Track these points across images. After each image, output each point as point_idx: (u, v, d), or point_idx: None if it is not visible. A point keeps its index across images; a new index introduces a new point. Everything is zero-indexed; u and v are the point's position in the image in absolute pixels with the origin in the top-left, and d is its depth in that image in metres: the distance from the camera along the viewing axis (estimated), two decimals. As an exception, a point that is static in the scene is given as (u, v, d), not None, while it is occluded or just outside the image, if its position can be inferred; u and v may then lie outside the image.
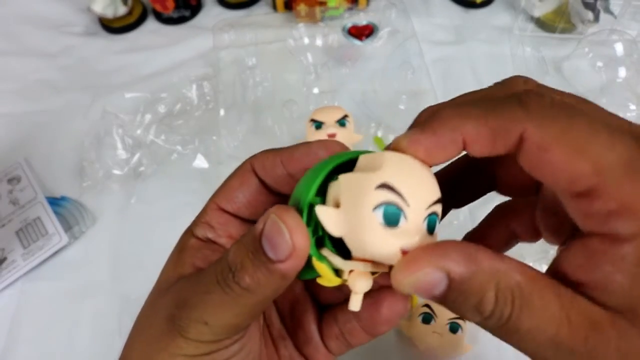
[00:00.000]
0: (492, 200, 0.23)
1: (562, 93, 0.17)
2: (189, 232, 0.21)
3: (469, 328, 0.38)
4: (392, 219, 0.15)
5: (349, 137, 0.45)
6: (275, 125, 0.52)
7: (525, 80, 0.18)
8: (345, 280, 0.17)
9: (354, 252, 0.17)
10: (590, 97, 0.54)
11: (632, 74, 0.54)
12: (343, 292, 0.20)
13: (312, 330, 0.22)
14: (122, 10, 0.61)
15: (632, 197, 0.14)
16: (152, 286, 0.22)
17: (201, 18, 0.65)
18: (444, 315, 0.37)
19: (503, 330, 0.15)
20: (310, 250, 0.16)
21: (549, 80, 0.56)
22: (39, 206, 0.48)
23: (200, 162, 0.51)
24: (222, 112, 0.52)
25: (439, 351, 0.37)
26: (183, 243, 0.21)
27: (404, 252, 0.16)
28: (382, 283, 0.20)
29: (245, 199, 0.21)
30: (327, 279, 0.17)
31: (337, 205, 0.16)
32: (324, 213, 0.16)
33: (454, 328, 0.37)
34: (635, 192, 0.14)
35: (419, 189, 0.16)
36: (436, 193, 0.16)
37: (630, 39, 0.55)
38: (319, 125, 0.45)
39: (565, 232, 0.18)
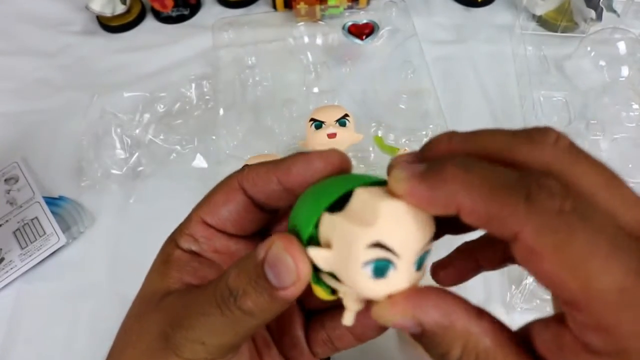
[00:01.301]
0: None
1: (589, 170, 0.15)
2: (172, 242, 0.21)
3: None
4: (381, 273, 0.16)
5: (349, 137, 0.45)
6: (275, 124, 0.52)
7: (557, 137, 0.16)
8: (340, 298, 0.18)
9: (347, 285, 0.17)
10: (593, 96, 0.53)
11: (635, 73, 0.54)
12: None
13: (298, 336, 0.22)
14: (120, 8, 0.61)
15: (612, 323, 0.14)
16: None
17: (200, 17, 0.65)
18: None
19: None
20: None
21: (551, 80, 0.55)
22: (36, 206, 0.48)
23: (200, 161, 0.50)
24: (221, 111, 0.52)
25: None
26: (167, 254, 0.21)
27: (392, 297, 0.16)
28: None
29: (230, 216, 0.21)
30: (322, 296, 0.18)
31: (329, 244, 0.17)
32: (317, 255, 0.17)
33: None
34: (616, 320, 0.13)
35: (412, 239, 0.16)
36: (429, 234, 0.17)
37: (633, 38, 0.55)
38: (319, 124, 0.45)
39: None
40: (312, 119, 0.45)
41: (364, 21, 0.56)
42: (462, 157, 0.16)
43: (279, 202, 0.20)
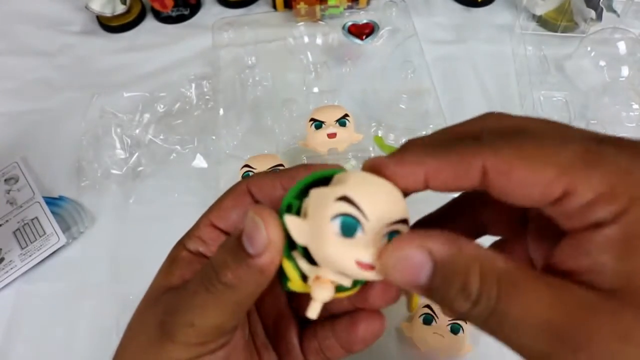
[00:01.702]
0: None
1: (521, 120, 0.18)
2: (181, 244, 0.22)
3: (470, 329, 0.38)
4: (348, 230, 0.16)
5: (349, 137, 0.45)
6: (275, 124, 0.52)
7: (499, 115, 0.18)
8: (309, 287, 0.18)
9: (318, 262, 0.17)
10: (593, 96, 0.53)
11: (635, 73, 0.54)
12: (323, 310, 0.20)
13: (293, 343, 0.23)
14: (120, 8, 0.61)
15: (603, 183, 0.14)
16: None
17: (200, 17, 0.65)
18: (445, 316, 0.37)
19: (492, 319, 0.15)
20: (282, 249, 0.17)
21: (551, 80, 0.55)
22: (36, 206, 0.48)
23: (200, 161, 0.50)
24: (221, 111, 0.52)
25: (440, 352, 0.37)
26: (174, 255, 0.22)
27: (360, 264, 0.16)
28: (359, 305, 0.21)
29: (238, 218, 0.21)
30: (295, 284, 0.18)
31: (306, 215, 0.17)
32: (290, 221, 0.17)
33: (455, 329, 0.37)
34: (603, 177, 0.14)
35: (380, 205, 0.16)
36: (400, 213, 0.17)
37: (633, 38, 0.55)
38: (319, 124, 0.45)
39: (552, 234, 0.18)
40: (312, 119, 0.45)
41: (364, 21, 0.56)
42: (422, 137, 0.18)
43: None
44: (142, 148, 0.51)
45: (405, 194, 0.18)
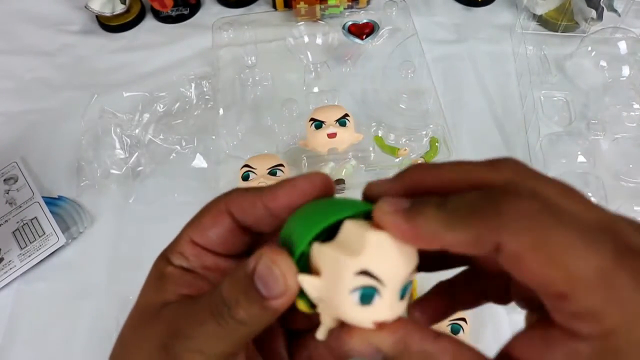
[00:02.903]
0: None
1: (547, 184, 0.17)
2: (164, 258, 0.21)
3: (471, 329, 0.37)
4: (367, 299, 0.17)
5: (349, 137, 0.45)
6: (275, 124, 0.52)
7: (515, 164, 0.18)
8: (318, 313, 0.19)
9: (333, 315, 0.18)
10: (593, 96, 0.53)
11: (636, 72, 0.54)
12: (311, 321, 0.20)
13: (281, 354, 0.23)
14: (120, 8, 0.61)
15: (598, 306, 0.15)
16: None
17: (200, 16, 0.65)
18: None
19: None
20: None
21: (552, 79, 0.55)
22: (36, 206, 0.47)
23: (199, 161, 0.50)
24: (221, 111, 0.52)
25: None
26: (160, 270, 0.21)
27: (376, 324, 0.17)
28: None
29: (217, 239, 0.21)
30: (302, 307, 0.19)
31: (318, 272, 0.18)
32: (307, 283, 0.18)
33: (455, 329, 0.37)
34: (600, 301, 0.15)
35: (397, 269, 0.17)
36: (413, 264, 0.18)
37: (634, 37, 0.55)
38: (319, 124, 0.45)
39: (537, 306, 0.18)
40: (312, 119, 0.45)
41: (364, 21, 0.56)
42: (438, 197, 0.17)
43: (265, 227, 0.21)
44: (142, 148, 0.50)
45: None
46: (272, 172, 0.42)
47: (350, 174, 0.46)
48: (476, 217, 0.16)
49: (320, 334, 0.19)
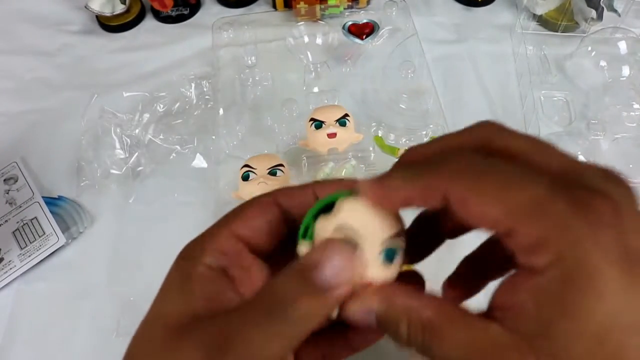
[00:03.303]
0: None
1: (519, 139, 0.19)
2: (191, 260, 0.20)
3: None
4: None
5: (349, 137, 0.45)
6: (275, 124, 0.52)
7: (492, 125, 0.20)
8: None
9: None
10: (593, 96, 0.53)
11: (636, 72, 0.54)
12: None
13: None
14: (119, 8, 0.61)
15: (540, 233, 0.16)
16: (154, 294, 0.20)
17: (200, 16, 0.64)
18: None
19: (427, 354, 0.18)
20: None
21: (552, 79, 0.55)
22: (35, 206, 0.47)
23: (199, 161, 0.50)
24: (221, 111, 0.52)
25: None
26: (186, 272, 0.20)
27: (364, 284, 0.19)
28: (339, 349, 0.23)
29: (266, 229, 0.21)
30: None
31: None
32: (302, 248, 0.20)
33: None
34: (541, 228, 0.16)
35: (371, 226, 0.19)
36: (391, 228, 0.20)
37: (634, 37, 0.55)
38: (319, 124, 0.45)
39: None
40: (312, 119, 0.45)
41: (364, 21, 0.56)
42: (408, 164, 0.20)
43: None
44: (142, 148, 0.50)
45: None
46: (272, 172, 0.42)
47: (350, 174, 0.46)
48: (427, 171, 0.18)
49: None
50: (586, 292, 0.15)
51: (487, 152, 0.18)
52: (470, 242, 0.23)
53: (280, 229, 0.22)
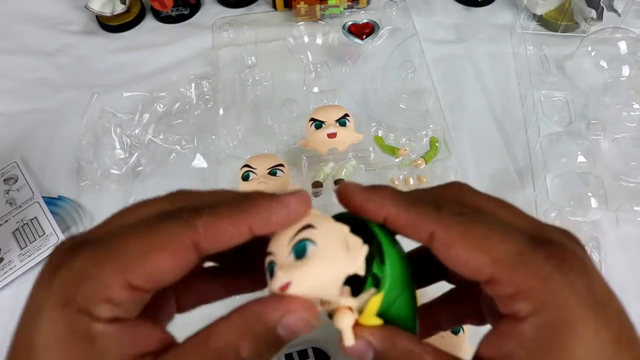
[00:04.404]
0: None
1: (486, 198, 0.20)
2: (82, 312, 0.15)
3: (471, 329, 0.37)
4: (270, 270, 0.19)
5: (349, 137, 0.45)
6: (275, 124, 0.52)
7: (460, 185, 0.21)
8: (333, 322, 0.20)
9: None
10: (594, 96, 0.53)
11: (636, 72, 0.54)
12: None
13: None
14: (120, 8, 0.61)
15: (523, 283, 0.17)
16: None
17: (200, 16, 0.64)
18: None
19: None
20: None
21: (552, 79, 0.55)
22: (35, 206, 0.47)
23: (199, 161, 0.50)
24: (221, 111, 0.52)
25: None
26: (84, 330, 0.15)
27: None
28: None
29: (174, 278, 0.17)
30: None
31: None
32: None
33: (455, 330, 0.37)
34: (524, 279, 0.17)
35: (282, 233, 0.19)
36: (297, 228, 0.19)
37: (634, 37, 0.55)
38: (319, 124, 0.45)
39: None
40: (312, 119, 0.45)
41: (364, 21, 0.56)
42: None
43: (231, 250, 0.18)
44: (142, 148, 0.50)
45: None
46: (272, 172, 0.42)
47: (350, 174, 0.46)
48: (418, 205, 0.19)
49: (347, 340, 0.19)
50: (569, 336, 0.16)
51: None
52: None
53: (191, 268, 0.18)
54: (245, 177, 0.42)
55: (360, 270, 0.19)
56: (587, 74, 0.56)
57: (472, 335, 0.37)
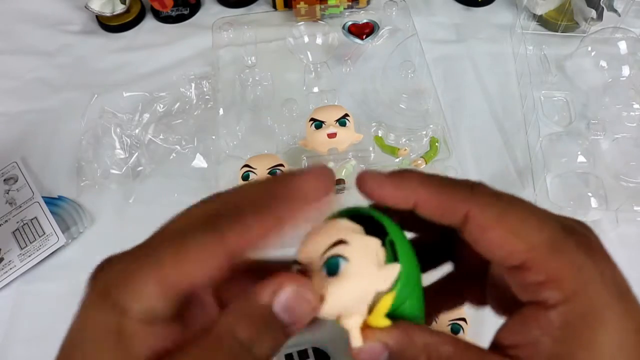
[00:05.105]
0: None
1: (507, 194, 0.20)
2: (117, 308, 0.16)
3: (471, 329, 0.37)
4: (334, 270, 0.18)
5: (349, 137, 0.45)
6: (275, 124, 0.52)
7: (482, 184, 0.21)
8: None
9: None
10: (594, 96, 0.53)
11: (636, 72, 0.54)
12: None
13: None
14: (120, 8, 0.61)
15: (556, 271, 0.17)
16: None
17: (200, 16, 0.65)
18: (445, 316, 0.37)
19: None
20: None
21: (552, 79, 0.55)
22: (35, 206, 0.47)
23: (199, 161, 0.50)
24: (221, 111, 0.52)
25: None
26: (117, 326, 0.16)
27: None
28: None
29: (204, 279, 0.17)
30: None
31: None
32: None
33: (455, 329, 0.37)
34: (558, 267, 0.17)
35: (312, 244, 0.19)
36: (328, 241, 0.18)
37: (634, 37, 0.55)
38: (319, 124, 0.45)
39: (510, 306, 0.20)
40: (312, 119, 0.45)
41: (364, 21, 0.56)
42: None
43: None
44: (142, 148, 0.50)
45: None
46: (272, 172, 0.42)
47: (350, 174, 0.46)
48: (451, 187, 0.18)
49: (354, 341, 0.19)
50: (598, 325, 0.17)
51: None
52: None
53: (224, 272, 0.18)
54: (245, 177, 0.42)
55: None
56: (587, 74, 0.56)
57: (471, 335, 0.37)
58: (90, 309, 0.17)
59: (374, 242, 0.19)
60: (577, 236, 0.18)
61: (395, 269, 0.18)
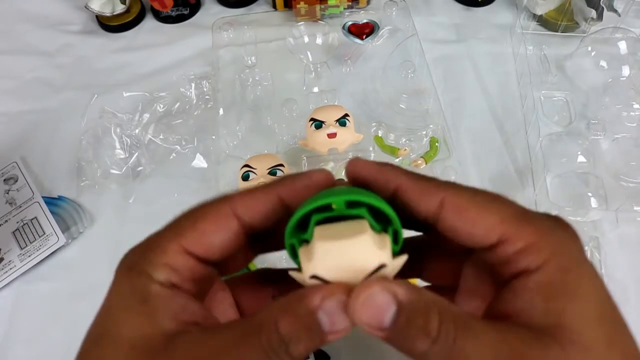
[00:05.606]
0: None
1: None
2: (143, 273, 0.18)
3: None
4: None
5: (349, 137, 0.45)
6: (275, 124, 0.52)
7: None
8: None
9: None
10: (594, 96, 0.53)
11: (636, 72, 0.54)
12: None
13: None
14: (120, 8, 0.61)
15: (531, 235, 0.18)
16: None
17: (200, 16, 0.65)
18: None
19: (450, 357, 0.17)
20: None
21: (552, 79, 0.55)
22: (35, 206, 0.47)
23: (199, 161, 0.50)
24: (221, 111, 0.52)
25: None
26: (141, 290, 0.18)
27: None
28: None
29: (221, 245, 0.19)
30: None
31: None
32: (295, 275, 0.19)
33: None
34: (532, 231, 0.18)
35: (345, 273, 0.18)
36: (370, 263, 0.18)
37: (634, 37, 0.55)
38: (319, 124, 0.45)
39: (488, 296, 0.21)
40: (312, 119, 0.45)
41: (364, 21, 0.56)
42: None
43: (269, 223, 0.20)
44: (142, 148, 0.50)
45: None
46: (272, 172, 0.42)
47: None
48: (427, 178, 0.20)
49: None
50: (581, 275, 0.18)
51: None
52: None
53: (237, 242, 0.20)
54: (245, 177, 0.42)
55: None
56: (587, 74, 0.56)
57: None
58: (118, 282, 0.19)
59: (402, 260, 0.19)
60: (538, 213, 0.19)
61: (402, 259, 0.19)
